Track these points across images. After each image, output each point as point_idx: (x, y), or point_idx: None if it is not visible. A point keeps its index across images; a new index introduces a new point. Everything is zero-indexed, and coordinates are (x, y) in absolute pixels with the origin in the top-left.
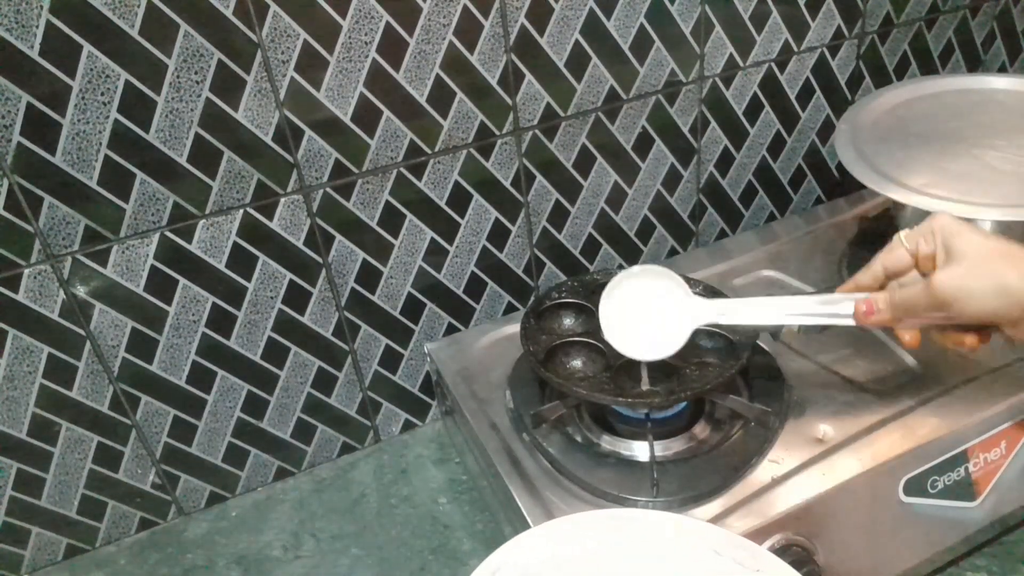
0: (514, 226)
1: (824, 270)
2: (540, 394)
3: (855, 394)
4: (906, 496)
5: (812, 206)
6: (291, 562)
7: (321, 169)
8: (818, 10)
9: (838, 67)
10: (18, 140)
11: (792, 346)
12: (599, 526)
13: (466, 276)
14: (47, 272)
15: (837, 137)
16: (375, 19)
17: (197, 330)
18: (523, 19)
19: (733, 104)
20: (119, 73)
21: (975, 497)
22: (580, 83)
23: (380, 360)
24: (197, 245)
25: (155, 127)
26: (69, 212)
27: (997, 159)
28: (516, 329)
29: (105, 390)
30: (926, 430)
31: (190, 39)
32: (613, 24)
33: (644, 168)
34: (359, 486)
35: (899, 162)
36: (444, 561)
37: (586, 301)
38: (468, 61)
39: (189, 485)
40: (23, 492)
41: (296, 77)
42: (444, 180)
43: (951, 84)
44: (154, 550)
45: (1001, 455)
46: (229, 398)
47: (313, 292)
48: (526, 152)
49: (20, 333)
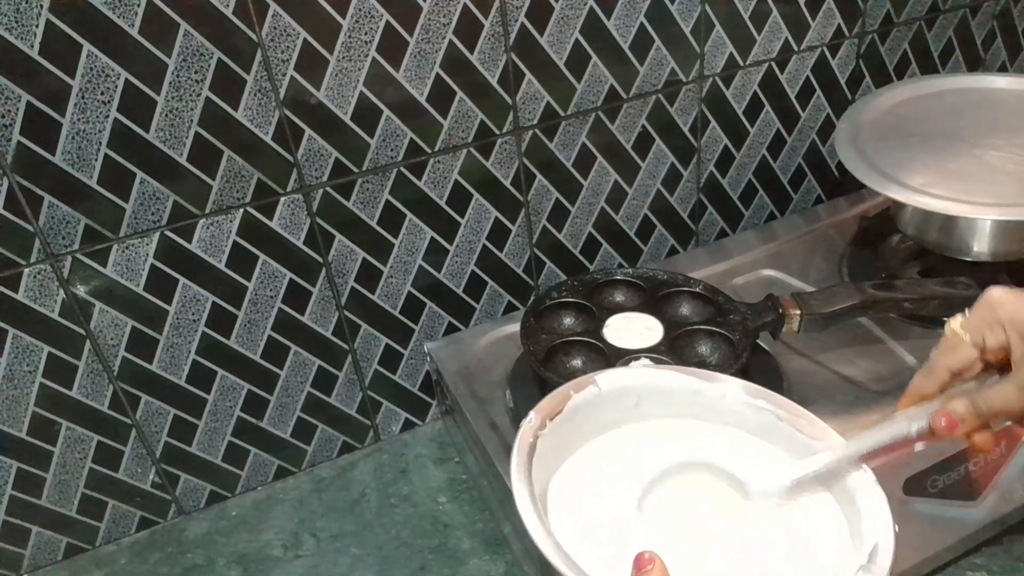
0: (514, 225)
1: (824, 270)
2: (540, 393)
3: (855, 393)
4: (906, 495)
5: (812, 205)
6: (291, 561)
7: (321, 168)
8: (818, 9)
9: (838, 66)
10: (18, 139)
11: (792, 346)
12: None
13: (466, 275)
14: (47, 271)
15: (837, 136)
16: (375, 18)
17: (197, 329)
18: (523, 18)
19: (733, 103)
20: (119, 72)
21: (975, 497)
22: (580, 82)
23: (380, 359)
24: (197, 244)
25: (155, 126)
26: (69, 211)
27: (997, 158)
28: (516, 328)
29: (105, 389)
30: None
31: (190, 38)
32: (613, 23)
33: (644, 167)
34: (359, 485)
35: (899, 161)
36: (444, 560)
37: (586, 300)
38: (468, 60)
39: (189, 484)
40: (23, 491)
41: (296, 76)
42: (444, 179)
43: (951, 83)
44: (154, 549)
45: (1001, 455)
46: (229, 397)
47: (313, 291)
48: (526, 151)
49: (20, 332)
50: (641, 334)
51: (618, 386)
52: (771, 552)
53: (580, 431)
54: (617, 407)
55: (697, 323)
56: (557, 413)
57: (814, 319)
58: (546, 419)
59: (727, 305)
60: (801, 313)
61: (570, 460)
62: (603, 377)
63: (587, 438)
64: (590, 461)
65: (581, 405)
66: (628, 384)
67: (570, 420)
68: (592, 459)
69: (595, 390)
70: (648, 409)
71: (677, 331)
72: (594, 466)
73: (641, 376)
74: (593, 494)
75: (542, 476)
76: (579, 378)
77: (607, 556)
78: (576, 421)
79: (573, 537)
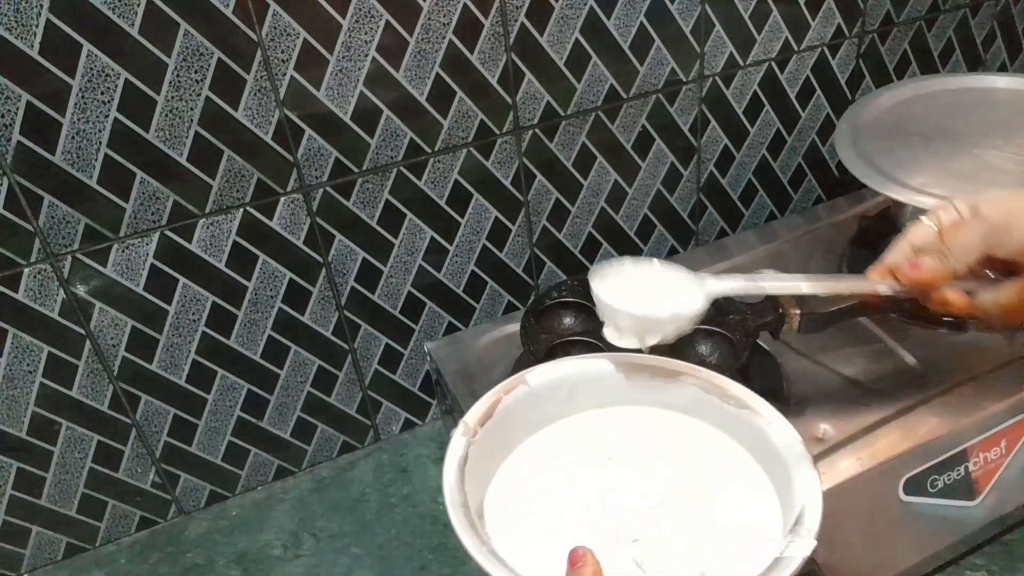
0: (514, 225)
1: (824, 269)
2: None
3: (855, 393)
4: (906, 495)
5: (812, 205)
6: (291, 561)
7: (321, 168)
8: (818, 9)
9: (838, 66)
10: (18, 139)
11: (792, 345)
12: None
13: (466, 275)
14: (47, 271)
15: (837, 136)
16: (375, 18)
17: (197, 329)
18: (523, 18)
19: (733, 103)
20: (119, 72)
21: (975, 496)
22: (580, 82)
23: (380, 359)
24: (197, 244)
25: (155, 126)
26: (69, 211)
27: (997, 158)
28: (516, 328)
29: (105, 389)
30: (926, 429)
31: (190, 38)
32: (613, 23)
33: (644, 167)
34: (359, 485)
35: (899, 161)
36: (444, 560)
37: (586, 300)
38: (468, 60)
39: (189, 484)
40: (23, 491)
41: (296, 76)
42: (444, 179)
43: (951, 83)
44: (154, 549)
45: (1001, 454)
46: (229, 397)
47: (313, 291)
48: (526, 151)
49: (20, 332)
50: None
51: (549, 380)
52: (707, 536)
53: (515, 432)
54: (550, 402)
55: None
56: (488, 418)
57: (814, 319)
58: (477, 427)
59: (727, 305)
60: (801, 313)
61: (507, 462)
62: (533, 374)
63: (522, 438)
64: (527, 462)
65: (512, 406)
66: (559, 376)
67: (502, 423)
68: (529, 459)
69: (525, 388)
70: (582, 400)
71: None
72: (532, 466)
73: (572, 366)
74: (532, 496)
75: (478, 486)
76: (509, 378)
77: (552, 555)
78: (509, 423)
79: (515, 545)
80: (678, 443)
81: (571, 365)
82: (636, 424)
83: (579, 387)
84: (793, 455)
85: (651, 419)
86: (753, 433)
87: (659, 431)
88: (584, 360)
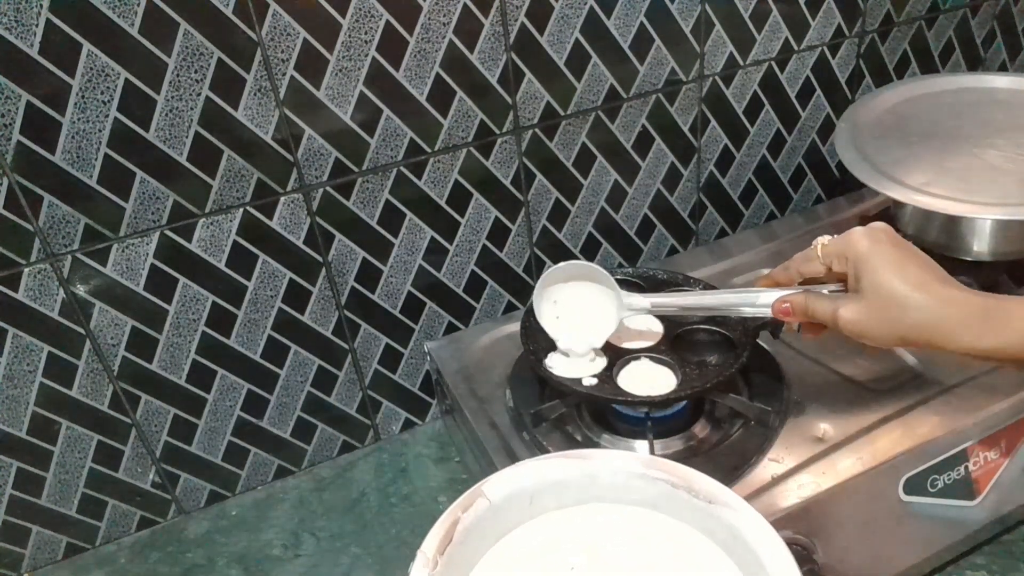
0: (514, 225)
1: None
2: (540, 393)
3: (855, 393)
4: (906, 495)
5: (812, 205)
6: (291, 561)
7: (321, 168)
8: (818, 9)
9: (838, 66)
10: (18, 139)
11: (792, 345)
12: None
13: (466, 275)
14: (47, 271)
15: (837, 136)
16: (375, 18)
17: (197, 329)
18: (523, 18)
19: (733, 103)
20: (119, 72)
21: (975, 496)
22: (580, 82)
23: (380, 359)
24: (197, 244)
25: (155, 126)
26: (69, 211)
27: (997, 158)
28: (516, 328)
29: (105, 389)
30: (926, 429)
31: (190, 38)
32: (613, 23)
33: (644, 167)
34: (359, 485)
35: (899, 161)
36: None
37: None
38: (468, 60)
39: (189, 484)
40: (23, 491)
41: (296, 76)
42: (444, 179)
43: (951, 83)
44: (154, 549)
45: (1001, 454)
46: (229, 397)
47: (313, 291)
48: (526, 151)
49: (20, 332)
50: (641, 334)
51: (508, 492)
52: None
53: (474, 550)
54: (510, 511)
55: (697, 322)
56: (447, 543)
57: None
58: (436, 556)
59: None
60: None
61: None
62: (491, 485)
63: (482, 553)
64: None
65: (471, 524)
66: (519, 486)
67: (461, 545)
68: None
69: (484, 503)
70: (543, 503)
71: (677, 330)
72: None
73: (531, 474)
74: None
75: None
76: (465, 494)
77: None
78: (469, 543)
79: None
80: (645, 544)
81: (530, 472)
82: (599, 525)
83: (541, 492)
84: (768, 552)
85: (615, 518)
86: (725, 529)
87: (624, 531)
88: (544, 463)
